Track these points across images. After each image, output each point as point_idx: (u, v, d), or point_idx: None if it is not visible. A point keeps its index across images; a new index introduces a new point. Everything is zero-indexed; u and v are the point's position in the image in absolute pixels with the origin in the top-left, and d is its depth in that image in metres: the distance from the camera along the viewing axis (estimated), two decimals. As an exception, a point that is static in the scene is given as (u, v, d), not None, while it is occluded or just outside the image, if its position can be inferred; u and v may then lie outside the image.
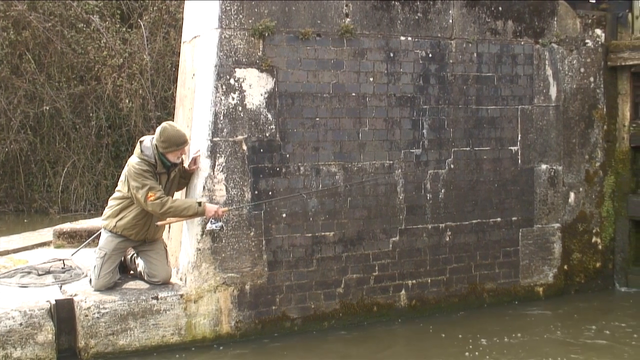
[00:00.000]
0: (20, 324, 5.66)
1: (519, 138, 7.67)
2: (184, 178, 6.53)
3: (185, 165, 6.49)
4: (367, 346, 6.38)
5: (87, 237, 7.90)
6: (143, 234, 6.30)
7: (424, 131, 7.18)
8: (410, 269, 7.12)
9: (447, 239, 7.30)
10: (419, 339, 6.60)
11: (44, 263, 7.01)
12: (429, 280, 7.22)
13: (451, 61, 7.28)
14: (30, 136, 14.53)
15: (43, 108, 14.41)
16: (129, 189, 6.18)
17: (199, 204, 6.09)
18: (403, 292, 7.10)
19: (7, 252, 8.11)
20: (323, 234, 6.74)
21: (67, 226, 8.72)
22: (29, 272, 6.70)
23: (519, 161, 7.68)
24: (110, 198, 6.46)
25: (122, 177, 6.32)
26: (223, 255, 6.33)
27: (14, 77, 14.51)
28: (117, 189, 6.40)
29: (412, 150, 7.13)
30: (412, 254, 7.13)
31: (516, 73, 7.63)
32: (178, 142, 6.19)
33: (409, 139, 7.11)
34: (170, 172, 6.35)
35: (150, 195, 6.04)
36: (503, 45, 7.54)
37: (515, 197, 7.66)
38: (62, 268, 6.82)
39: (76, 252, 7.29)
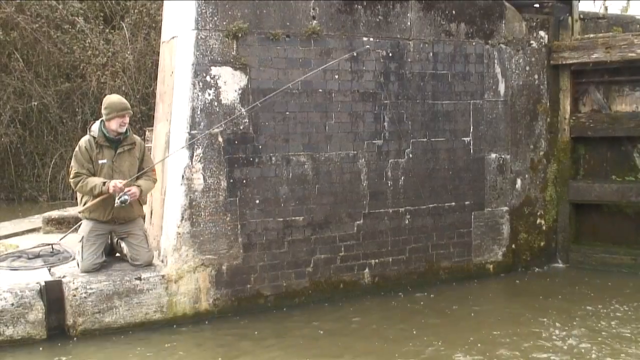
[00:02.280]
0: (12, 304, 5.59)
1: (471, 130, 7.74)
2: (142, 162, 6.35)
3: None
4: (333, 316, 6.43)
5: (74, 223, 7.80)
6: (109, 214, 6.19)
7: (385, 124, 7.21)
8: (373, 250, 7.17)
9: (407, 222, 7.36)
10: (381, 309, 6.65)
11: (34, 247, 6.93)
12: (390, 260, 7.27)
13: (409, 60, 7.31)
14: (20, 130, 14.29)
15: (32, 104, 14.18)
16: None
17: (104, 183, 6.05)
18: (367, 270, 7.14)
19: (-1, 238, 8.00)
20: (293, 218, 6.75)
21: (55, 213, 8.63)
22: (20, 256, 6.62)
23: (471, 151, 7.76)
24: None
25: None
26: (201, 238, 6.31)
27: (4, 75, 14.26)
28: None
29: (375, 141, 7.16)
30: (374, 236, 7.17)
31: (468, 71, 7.69)
32: (118, 107, 6.14)
33: (371, 131, 7.14)
34: (118, 147, 6.23)
35: (71, 173, 6.16)
36: (456, 46, 7.59)
37: (468, 183, 7.74)
38: (51, 252, 6.75)
39: (64, 237, 7.20)
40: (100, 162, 6.18)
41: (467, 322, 6.33)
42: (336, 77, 6.94)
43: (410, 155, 7.37)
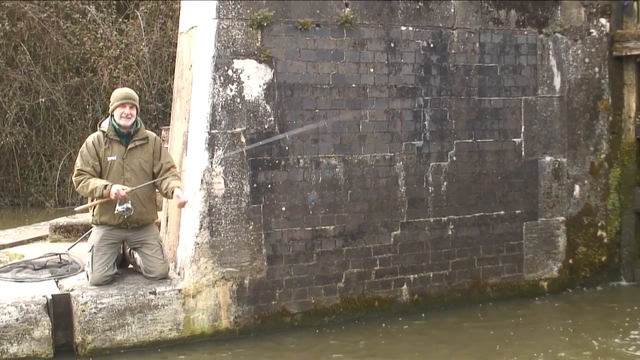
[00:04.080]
0: (17, 319, 5.69)
1: (523, 130, 7.68)
2: (159, 160, 6.41)
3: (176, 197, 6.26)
4: (369, 342, 6.40)
5: (83, 231, 7.93)
6: (120, 216, 6.24)
7: (426, 123, 7.18)
8: (412, 263, 7.14)
9: (450, 232, 7.32)
10: (421, 333, 6.62)
11: (40, 257, 7.05)
12: (431, 275, 7.23)
13: (453, 51, 7.28)
14: (26, 129, 14.52)
15: (39, 100, 14.41)
16: None
17: (105, 186, 6.11)
18: (405, 286, 7.12)
19: (2, 247, 8.14)
20: (323, 227, 6.76)
21: (63, 220, 8.76)
22: (25, 267, 6.74)
23: (523, 153, 7.69)
24: None
25: None
26: (222, 249, 6.35)
27: (9, 69, 14.51)
28: None
29: (414, 142, 7.14)
30: (414, 248, 7.14)
31: (519, 63, 7.62)
32: (118, 97, 6.30)
33: (410, 131, 7.12)
34: (129, 143, 6.31)
35: (75, 171, 6.27)
36: (506, 35, 7.54)
37: (518, 189, 7.66)
38: (59, 262, 6.85)
39: (73, 246, 7.32)
40: (109, 159, 6.27)
41: (517, 346, 6.26)
42: (371, 70, 6.94)
43: (454, 158, 7.33)
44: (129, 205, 6.15)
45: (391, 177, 7.04)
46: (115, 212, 6.15)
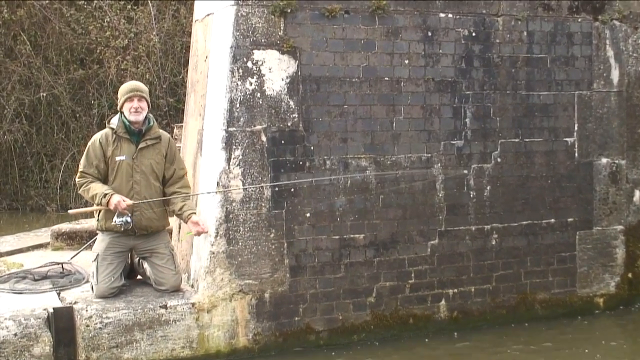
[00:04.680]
0: (15, 335, 5.75)
1: (576, 128, 7.62)
2: (171, 163, 6.46)
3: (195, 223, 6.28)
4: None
5: (88, 239, 7.99)
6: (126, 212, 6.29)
7: (467, 120, 7.16)
8: (451, 277, 7.12)
9: (494, 242, 7.28)
10: (461, 355, 6.59)
11: (41, 267, 7.11)
12: (473, 289, 7.20)
13: (497, 41, 7.25)
14: (26, 126, 14.69)
15: (39, 95, 14.57)
16: None
17: (105, 195, 6.13)
18: (443, 302, 7.10)
19: (0, 255, 8.22)
20: (352, 236, 6.76)
21: (66, 226, 8.82)
22: (24, 277, 6.80)
23: (576, 154, 7.63)
24: None
25: None
26: (240, 259, 6.38)
27: (8, 61, 14.68)
28: None
29: (453, 142, 7.12)
30: (453, 259, 7.12)
31: (572, 54, 7.57)
32: (126, 90, 6.35)
33: (449, 129, 7.10)
34: (140, 142, 6.35)
35: (78, 172, 6.33)
36: (557, 23, 7.49)
37: (571, 195, 7.61)
38: (61, 273, 6.91)
39: (76, 254, 7.37)
40: (117, 159, 6.30)
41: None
42: (406, 61, 6.93)
43: (499, 160, 7.30)
44: (128, 219, 6.18)
45: (428, 181, 7.02)
46: (112, 223, 6.21)
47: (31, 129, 14.77)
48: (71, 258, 7.31)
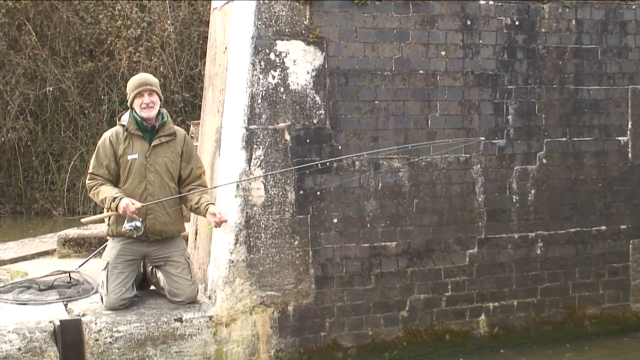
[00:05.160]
0: (19, 349, 5.79)
1: (630, 126, 7.56)
2: (188, 162, 6.49)
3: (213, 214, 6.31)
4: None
5: (97, 245, 8.05)
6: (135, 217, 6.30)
7: (509, 117, 7.13)
8: (491, 289, 7.09)
9: (538, 251, 7.24)
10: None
11: (47, 276, 7.17)
12: (515, 303, 7.17)
13: (543, 30, 7.21)
14: (30, 123, 14.81)
15: (46, 89, 14.67)
16: None
17: (115, 198, 6.14)
18: (482, 317, 7.07)
19: (3, 263, 8.31)
20: (383, 244, 6.75)
21: (73, 232, 8.89)
22: (29, 287, 6.85)
23: (630, 155, 7.57)
24: None
25: None
26: (261, 268, 6.38)
27: (12, 53, 14.80)
28: None
29: (495, 141, 7.09)
30: (493, 270, 7.09)
31: (626, 45, 7.51)
32: (134, 85, 6.37)
33: (490, 127, 7.07)
34: (154, 139, 6.37)
35: (88, 173, 6.35)
36: (609, 10, 7.43)
37: (624, 200, 7.55)
38: (68, 282, 6.96)
39: (84, 262, 7.42)
40: (129, 157, 6.33)
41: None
42: (442, 53, 6.91)
43: (544, 161, 7.26)
44: (139, 224, 6.17)
45: (466, 184, 7.00)
46: (123, 229, 6.23)
47: (36, 127, 14.89)
48: (79, 266, 7.36)
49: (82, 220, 6.63)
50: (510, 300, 7.15)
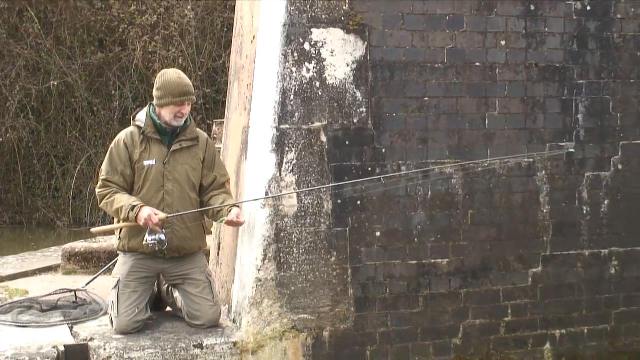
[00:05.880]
0: (19, 378, 5.85)
1: None
2: (210, 170, 6.52)
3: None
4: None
5: (107, 261, 8.11)
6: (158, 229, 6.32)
7: (580, 116, 7.10)
8: (558, 314, 7.05)
9: (613, 271, 7.20)
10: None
11: (50, 295, 7.23)
12: (586, 330, 7.12)
13: (619, 16, 7.17)
14: (32, 122, 14.96)
15: (49, 84, 14.80)
16: None
17: (133, 207, 6.12)
18: (547, 345, 7.03)
19: (1, 279, 8.39)
20: (433, 261, 6.74)
21: (80, 245, 8.95)
22: (30, 307, 6.92)
23: None
24: None
25: None
26: (293, 288, 6.40)
27: (12, 42, 14.95)
28: None
29: (562, 144, 7.05)
30: (561, 292, 7.06)
31: None
32: (176, 91, 6.28)
33: (557, 128, 7.04)
34: (174, 143, 6.38)
35: (99, 180, 6.37)
36: (697, -7, 7.38)
37: None
38: (74, 302, 7.01)
39: (92, 280, 7.49)
40: (146, 163, 6.35)
41: None
42: (502, 43, 6.89)
43: (620, 167, 7.21)
44: (162, 237, 6.18)
45: (529, 193, 6.97)
46: (144, 242, 6.22)
47: (39, 126, 15.03)
48: (86, 284, 7.43)
49: (93, 230, 6.65)
50: (579, 327, 7.11)
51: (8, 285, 8.09)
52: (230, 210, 6.25)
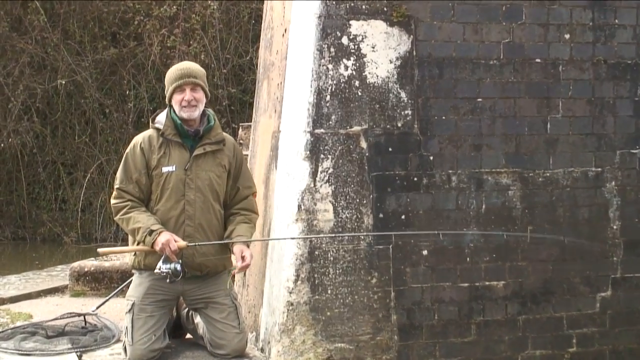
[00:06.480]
0: (21, 412, 5.90)
1: None
2: (235, 180, 6.49)
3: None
4: None
5: (119, 281, 8.13)
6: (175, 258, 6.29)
7: (655, 120, 7.06)
8: (629, 344, 7.00)
9: (693, 295, 7.14)
10: None
11: (56, 319, 7.28)
12: (662, 363, 7.07)
13: (700, 6, 7.13)
14: (37, 125, 15.06)
15: (56, 82, 14.89)
16: None
17: (152, 232, 6.07)
18: (617, 380, 6.99)
19: (2, 301, 8.43)
20: (487, 283, 6.72)
21: (89, 263, 9.00)
22: (34, 333, 6.96)
23: None
24: None
25: None
26: (328, 313, 6.39)
27: (15, 36, 15.06)
28: None
29: (634, 151, 7.02)
30: (633, 320, 7.01)
31: None
32: (174, 76, 6.35)
33: (629, 133, 7.01)
34: (196, 147, 6.34)
35: (114, 189, 6.36)
36: None
37: None
38: (83, 327, 7.06)
39: (103, 303, 7.52)
40: (165, 169, 6.32)
41: None
42: (566, 36, 6.87)
43: (701, 177, 7.16)
44: (178, 267, 6.10)
45: (597, 206, 6.94)
46: (156, 270, 6.17)
47: (44, 130, 15.12)
48: (97, 308, 7.46)
49: (99, 250, 6.59)
50: (654, 360, 7.06)
51: (10, 308, 8.14)
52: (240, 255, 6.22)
